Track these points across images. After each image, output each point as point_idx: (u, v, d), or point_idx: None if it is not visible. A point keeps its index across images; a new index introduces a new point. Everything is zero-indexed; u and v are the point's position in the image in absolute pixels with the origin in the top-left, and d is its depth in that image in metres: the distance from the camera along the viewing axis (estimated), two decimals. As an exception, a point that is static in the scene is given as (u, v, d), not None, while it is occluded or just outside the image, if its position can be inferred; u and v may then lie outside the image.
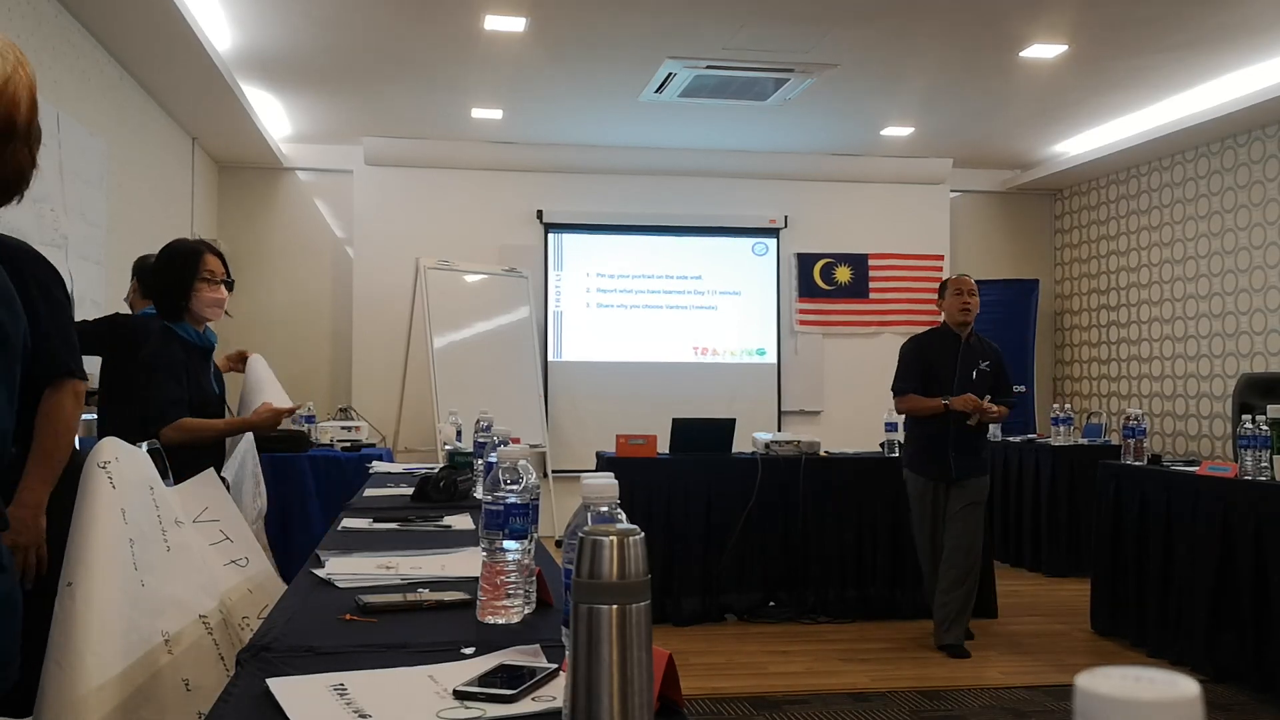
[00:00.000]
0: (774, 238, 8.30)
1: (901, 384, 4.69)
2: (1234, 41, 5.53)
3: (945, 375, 4.57)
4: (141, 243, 5.81)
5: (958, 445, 4.56)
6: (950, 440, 4.55)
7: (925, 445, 4.66)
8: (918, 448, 4.73)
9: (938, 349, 4.66)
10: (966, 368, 4.60)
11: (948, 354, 4.62)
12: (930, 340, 4.75)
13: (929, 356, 4.64)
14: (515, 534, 1.48)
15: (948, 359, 4.61)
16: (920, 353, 4.68)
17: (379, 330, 7.69)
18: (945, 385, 4.56)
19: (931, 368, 4.60)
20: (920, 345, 4.74)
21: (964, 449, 4.58)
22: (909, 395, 4.65)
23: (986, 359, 4.65)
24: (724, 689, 4.10)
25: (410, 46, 5.64)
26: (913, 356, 4.70)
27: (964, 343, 4.64)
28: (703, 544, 5.26)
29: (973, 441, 4.60)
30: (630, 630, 0.85)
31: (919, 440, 4.71)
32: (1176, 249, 7.49)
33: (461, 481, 2.97)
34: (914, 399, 4.63)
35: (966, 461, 4.59)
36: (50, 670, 1.58)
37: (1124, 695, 0.45)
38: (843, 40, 5.49)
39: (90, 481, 1.76)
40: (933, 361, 4.62)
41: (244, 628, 1.92)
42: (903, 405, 4.73)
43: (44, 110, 1.48)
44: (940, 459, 4.59)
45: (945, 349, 4.65)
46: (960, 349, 4.63)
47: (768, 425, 7.84)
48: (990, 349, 4.71)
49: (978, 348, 4.67)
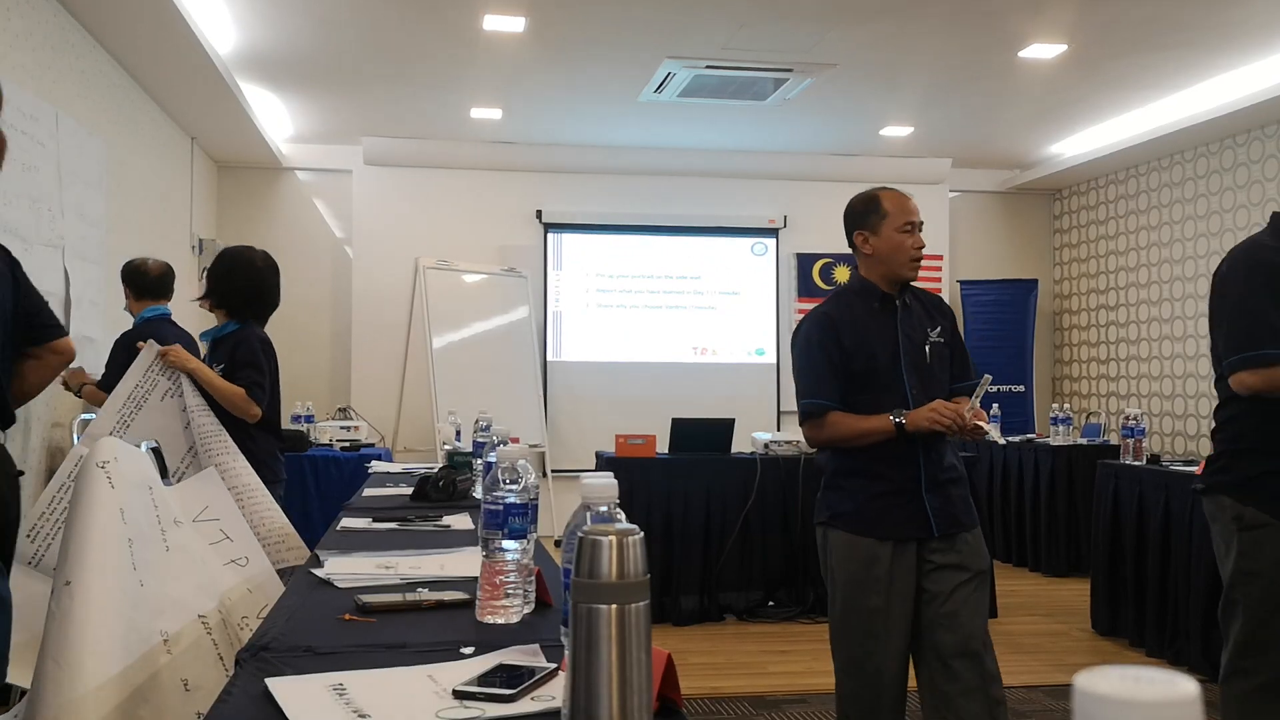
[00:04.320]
0: (773, 238, 8.30)
1: (812, 400, 2.64)
2: (1233, 41, 5.53)
3: (884, 364, 2.62)
4: (141, 243, 5.81)
5: (933, 475, 2.61)
6: (921, 468, 2.60)
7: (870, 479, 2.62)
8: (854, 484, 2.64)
9: (862, 323, 2.65)
10: (914, 345, 2.66)
11: (880, 328, 2.65)
12: (843, 312, 2.68)
13: (850, 339, 2.63)
14: (514, 534, 1.48)
15: (881, 336, 2.64)
16: (834, 337, 2.63)
17: (378, 330, 7.69)
18: (887, 380, 2.62)
19: (856, 356, 2.62)
20: (829, 325, 2.65)
21: (944, 480, 2.63)
22: (830, 416, 2.60)
23: (934, 323, 2.72)
24: (723, 688, 4.10)
25: (410, 46, 5.64)
26: (822, 348, 2.64)
27: (900, 305, 2.69)
28: (702, 543, 5.26)
29: (953, 459, 2.69)
30: (629, 630, 0.85)
31: (856, 470, 2.64)
32: (1175, 249, 7.49)
33: (461, 481, 2.97)
34: (839, 420, 2.60)
35: (953, 500, 2.63)
36: (48, 670, 1.58)
37: (1123, 695, 0.45)
38: (842, 40, 5.49)
39: (89, 481, 1.76)
40: (858, 346, 2.62)
41: (243, 627, 1.92)
42: (820, 436, 2.65)
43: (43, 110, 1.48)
44: (905, 503, 2.59)
45: (874, 321, 2.66)
46: (898, 316, 2.67)
47: (767, 425, 7.84)
48: (936, 306, 2.80)
49: (919, 309, 2.73)
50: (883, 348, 2.64)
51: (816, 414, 2.64)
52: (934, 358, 2.69)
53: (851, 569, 2.60)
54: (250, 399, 3.28)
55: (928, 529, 2.59)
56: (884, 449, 2.58)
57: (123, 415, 3.01)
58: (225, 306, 3.50)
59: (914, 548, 2.59)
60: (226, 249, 3.61)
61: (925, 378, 2.65)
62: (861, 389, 2.62)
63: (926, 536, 2.59)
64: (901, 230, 2.63)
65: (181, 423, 3.09)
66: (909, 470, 2.59)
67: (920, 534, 2.59)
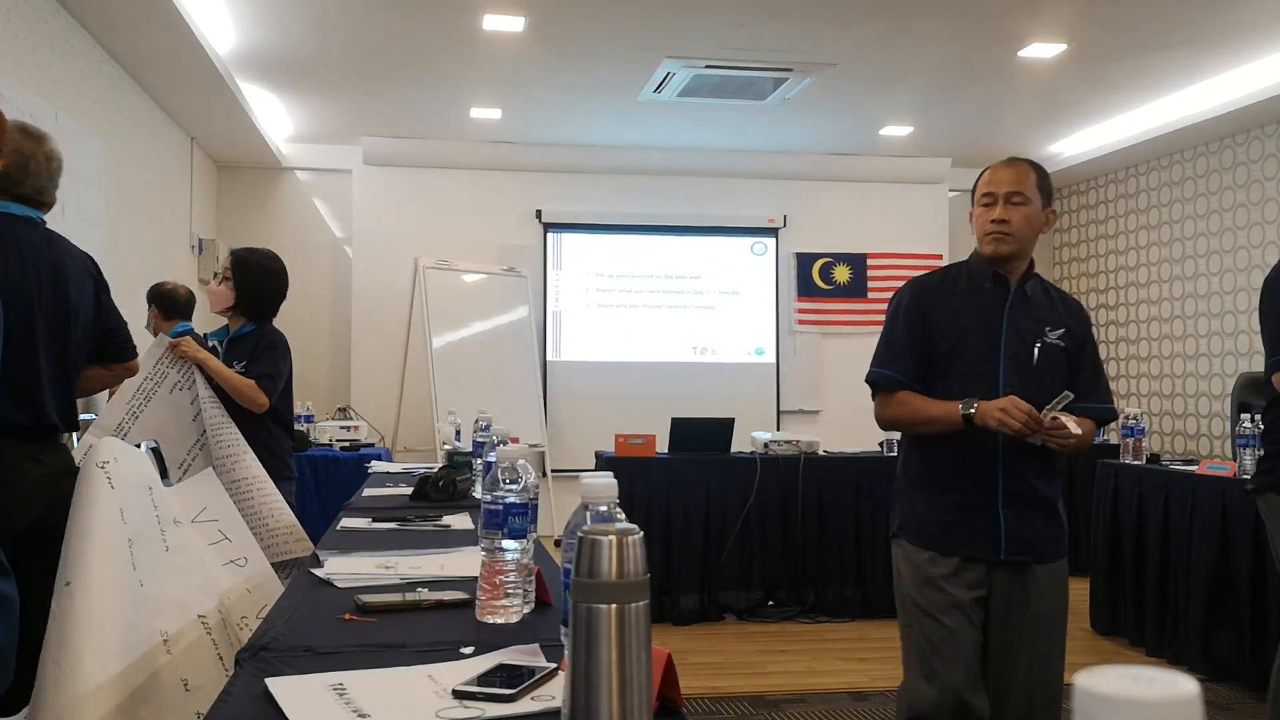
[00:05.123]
0: (773, 237, 8.30)
1: (879, 370, 2.44)
2: (1233, 41, 5.53)
3: (977, 351, 2.35)
4: (141, 243, 5.82)
5: (1014, 490, 2.32)
6: (999, 480, 2.32)
7: (942, 490, 2.37)
8: (923, 495, 2.41)
9: (962, 300, 2.40)
10: (1021, 340, 2.35)
11: (982, 311, 2.38)
12: (945, 284, 2.45)
13: (940, 314, 2.39)
14: (514, 533, 1.48)
15: (981, 319, 2.37)
16: (922, 308, 2.41)
17: (378, 330, 7.69)
18: (979, 370, 2.34)
19: (944, 335, 2.37)
20: (920, 294, 2.44)
21: (1026, 498, 2.33)
22: (899, 393, 2.39)
23: (1058, 324, 2.39)
24: (723, 688, 4.10)
25: (409, 46, 5.64)
26: (906, 316, 2.42)
27: (1014, 290, 2.39)
28: (702, 543, 5.26)
29: (1040, 481, 2.36)
30: (629, 630, 0.85)
31: (927, 478, 2.42)
32: (1175, 248, 7.49)
33: (460, 481, 2.97)
34: (908, 400, 2.37)
35: (1033, 524, 2.34)
36: (48, 670, 1.58)
37: (1124, 694, 0.45)
38: (841, 39, 5.49)
39: (89, 481, 1.76)
40: (948, 323, 2.38)
41: (243, 627, 1.92)
42: (885, 414, 2.45)
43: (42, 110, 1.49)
44: (976, 517, 2.32)
45: (977, 301, 2.39)
46: (1008, 301, 2.37)
47: (767, 425, 7.84)
48: (1066, 306, 2.46)
49: (1042, 301, 2.41)
50: (979, 332, 2.36)
51: (883, 386, 2.43)
52: (1044, 360, 2.35)
53: (916, 585, 2.37)
54: (260, 389, 3.33)
55: (995, 549, 2.30)
56: (958, 455, 2.33)
57: (131, 407, 3.05)
58: (250, 309, 3.56)
59: (982, 570, 2.32)
60: (247, 252, 3.63)
61: (1026, 379, 2.31)
62: (946, 374, 2.36)
63: (993, 558, 2.31)
64: (981, 203, 2.40)
65: (190, 415, 3.11)
66: (985, 481, 2.32)
67: (986, 554, 2.31)
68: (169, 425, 3.02)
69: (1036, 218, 2.37)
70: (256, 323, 3.56)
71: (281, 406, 3.48)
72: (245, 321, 3.56)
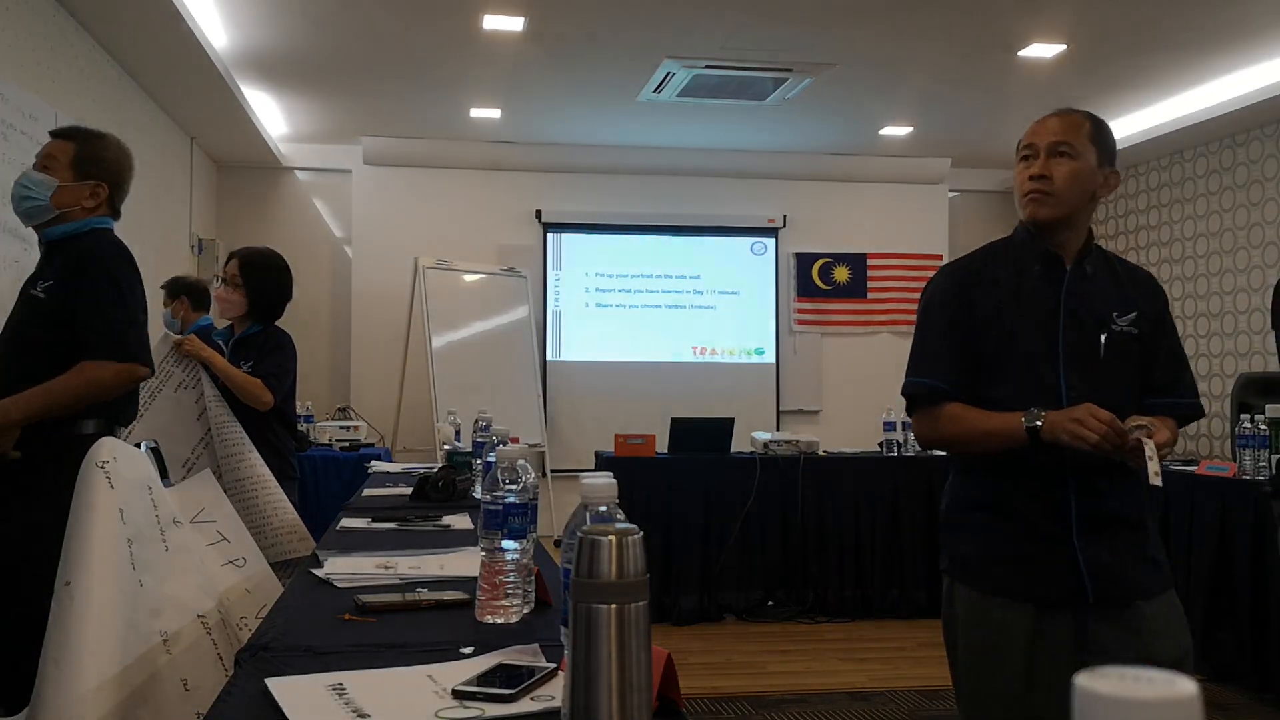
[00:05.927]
0: (772, 237, 8.30)
1: (918, 380, 1.97)
2: (1233, 41, 5.53)
3: (1029, 349, 1.91)
4: (141, 243, 5.80)
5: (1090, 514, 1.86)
6: (1070, 502, 1.86)
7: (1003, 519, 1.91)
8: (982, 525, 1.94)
9: (1009, 286, 1.94)
10: (1082, 329, 1.91)
11: (1033, 296, 1.93)
12: (987, 267, 1.98)
13: (987, 305, 1.93)
14: (514, 534, 1.48)
15: (1033, 307, 1.92)
16: (965, 298, 1.96)
17: (378, 330, 7.69)
18: (1036, 371, 1.90)
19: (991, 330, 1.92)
20: (960, 281, 1.99)
21: (1106, 522, 1.87)
22: (948, 407, 1.93)
23: (1127, 306, 1.93)
24: (723, 688, 4.11)
25: (409, 46, 5.64)
26: (944, 311, 1.97)
27: (1077, 272, 1.94)
28: (701, 543, 5.26)
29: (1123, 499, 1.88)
30: (629, 630, 0.85)
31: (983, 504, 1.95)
32: (1174, 248, 7.49)
33: (460, 481, 2.97)
34: (960, 415, 1.91)
35: (1119, 555, 1.87)
36: (48, 670, 1.58)
37: (1123, 695, 0.45)
38: (841, 40, 5.49)
39: (88, 481, 1.76)
40: (994, 315, 1.92)
41: (242, 627, 1.92)
42: (932, 432, 1.98)
43: (42, 110, 1.48)
44: (1046, 551, 1.87)
45: (1027, 286, 1.94)
46: (1065, 284, 1.92)
47: (766, 425, 7.84)
48: (1135, 282, 2.00)
49: (1109, 282, 1.96)
50: (1029, 325, 1.90)
51: (925, 400, 1.95)
52: (1112, 352, 1.89)
53: (978, 639, 1.88)
54: (265, 387, 3.34)
55: (1081, 591, 1.83)
56: (1018, 472, 1.86)
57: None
58: (260, 310, 3.58)
59: (1069, 618, 1.83)
60: (252, 254, 3.63)
61: (1092, 377, 1.87)
62: (996, 379, 1.89)
63: (1080, 602, 1.83)
64: (1020, 157, 1.93)
65: (194, 413, 3.13)
66: (1053, 506, 1.85)
67: (1071, 598, 1.83)
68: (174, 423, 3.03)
69: (1088, 175, 1.88)
70: (263, 323, 3.58)
71: (285, 407, 3.50)
72: (252, 322, 3.58)
